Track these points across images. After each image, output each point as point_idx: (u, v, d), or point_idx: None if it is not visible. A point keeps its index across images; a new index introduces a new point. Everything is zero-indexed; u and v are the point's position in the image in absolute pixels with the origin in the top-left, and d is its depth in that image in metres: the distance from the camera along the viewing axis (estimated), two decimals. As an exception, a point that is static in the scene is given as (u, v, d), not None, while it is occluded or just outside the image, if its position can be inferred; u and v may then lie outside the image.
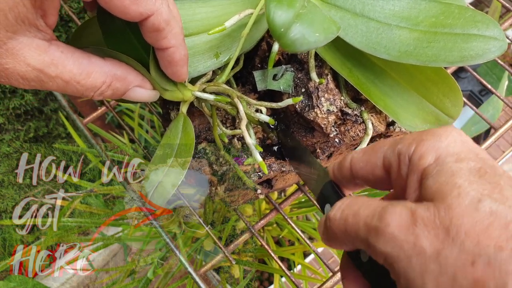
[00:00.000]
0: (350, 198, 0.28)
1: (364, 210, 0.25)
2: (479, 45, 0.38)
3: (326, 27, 0.34)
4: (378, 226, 0.23)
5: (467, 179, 0.23)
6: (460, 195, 0.22)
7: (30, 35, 0.30)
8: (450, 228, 0.21)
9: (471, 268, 0.20)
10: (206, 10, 0.42)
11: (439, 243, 0.21)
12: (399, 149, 0.27)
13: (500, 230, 0.20)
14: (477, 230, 0.21)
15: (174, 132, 0.42)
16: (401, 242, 0.22)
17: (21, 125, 1.11)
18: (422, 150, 0.25)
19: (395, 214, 0.23)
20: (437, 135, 0.26)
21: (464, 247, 0.21)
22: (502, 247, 0.20)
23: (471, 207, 0.21)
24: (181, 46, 0.36)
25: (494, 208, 0.21)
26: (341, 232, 0.26)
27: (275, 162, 0.45)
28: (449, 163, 0.24)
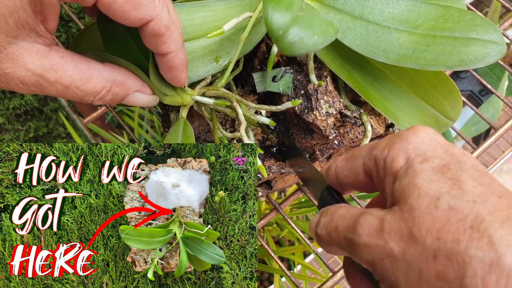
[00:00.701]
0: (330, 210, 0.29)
1: (342, 224, 0.27)
2: (478, 49, 0.38)
3: (324, 30, 0.34)
4: (352, 238, 0.25)
5: (427, 179, 0.24)
6: (420, 195, 0.23)
7: (30, 40, 0.30)
8: (413, 228, 0.23)
9: (434, 262, 0.22)
10: (204, 14, 0.42)
11: (404, 243, 0.23)
12: (375, 154, 0.28)
13: (457, 224, 0.22)
14: (436, 226, 0.22)
15: (174, 136, 0.42)
16: (373, 249, 0.24)
17: (21, 125, 1.11)
18: (394, 153, 0.27)
19: (364, 225, 0.25)
20: (405, 137, 0.27)
21: (426, 244, 0.22)
22: (459, 239, 0.21)
23: (431, 206, 0.23)
24: (181, 51, 0.36)
25: (452, 204, 0.22)
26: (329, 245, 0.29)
27: (275, 164, 0.46)
28: (415, 164, 0.25)
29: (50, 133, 1.19)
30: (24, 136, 1.12)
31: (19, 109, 1.06)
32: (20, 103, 1.04)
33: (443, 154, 0.25)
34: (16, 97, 1.03)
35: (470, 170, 0.24)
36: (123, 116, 1.14)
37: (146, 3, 0.31)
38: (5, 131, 1.09)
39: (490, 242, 0.20)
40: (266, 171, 0.45)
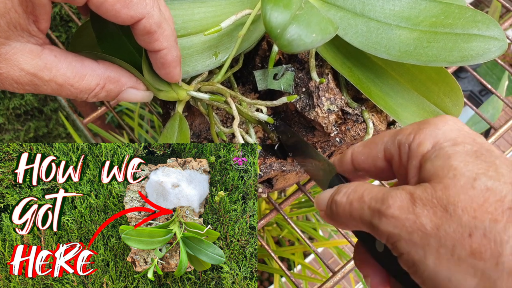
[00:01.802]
0: (355, 183, 0.29)
1: (368, 195, 0.27)
2: (479, 45, 0.38)
3: (323, 28, 0.34)
4: (380, 208, 0.25)
5: (462, 160, 0.24)
6: (456, 176, 0.24)
7: (23, 40, 0.31)
8: (448, 205, 0.23)
9: (469, 239, 0.22)
10: (204, 10, 0.42)
11: (437, 219, 0.23)
12: (399, 139, 0.28)
13: (495, 204, 0.22)
14: (473, 205, 0.22)
15: (170, 131, 0.42)
16: (402, 221, 0.24)
17: (21, 125, 1.11)
18: (421, 138, 0.27)
19: (395, 197, 0.25)
20: (434, 123, 0.27)
21: (462, 221, 0.22)
22: (497, 219, 0.22)
23: (467, 186, 0.23)
24: (173, 48, 0.36)
25: (490, 185, 0.23)
26: (346, 214, 0.28)
27: (276, 162, 0.45)
28: (446, 147, 0.25)
29: (50, 133, 1.18)
30: (24, 136, 1.12)
31: (19, 109, 1.06)
32: (20, 103, 1.04)
33: (473, 142, 0.25)
34: (16, 97, 1.03)
35: (501, 157, 0.25)
36: (123, 116, 1.14)
37: (137, 1, 0.32)
38: (5, 131, 1.09)
39: None
40: (268, 168, 0.45)
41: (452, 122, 0.27)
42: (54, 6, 0.95)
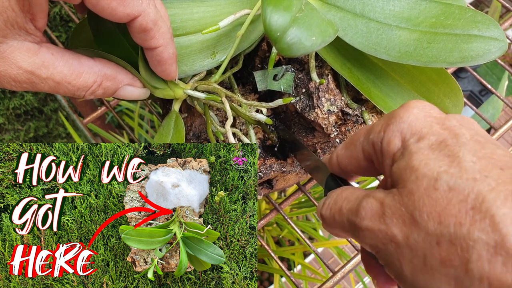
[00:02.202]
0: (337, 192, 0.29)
1: (345, 206, 0.27)
2: (479, 45, 0.38)
3: (323, 30, 0.34)
4: (355, 221, 0.25)
5: (424, 158, 0.23)
6: (418, 178, 0.22)
7: (20, 38, 0.31)
8: (414, 212, 0.22)
9: (437, 248, 0.21)
10: (203, 9, 0.42)
11: (406, 229, 0.22)
12: (372, 138, 0.27)
13: (459, 205, 0.20)
14: (437, 209, 0.21)
15: (166, 129, 0.42)
16: (375, 233, 0.23)
17: (21, 125, 1.11)
18: (389, 135, 0.26)
19: (367, 207, 0.24)
20: (398, 116, 0.26)
21: (428, 229, 0.21)
22: (461, 222, 0.20)
23: (430, 188, 0.22)
24: (169, 45, 0.36)
25: (452, 184, 0.21)
26: (333, 228, 0.28)
27: (276, 163, 0.45)
28: (410, 145, 0.24)
29: (50, 133, 1.18)
30: (24, 136, 1.12)
31: (19, 109, 1.06)
32: (20, 103, 1.03)
33: (439, 130, 0.24)
34: (16, 97, 1.03)
35: (468, 143, 0.23)
36: (123, 116, 1.14)
37: None
38: (5, 131, 1.09)
39: (493, 223, 0.19)
40: (268, 169, 0.45)
41: (417, 109, 0.26)
42: (54, 6, 0.95)
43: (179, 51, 0.41)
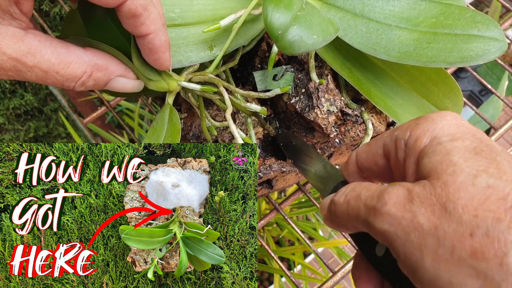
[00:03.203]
0: (354, 183, 0.28)
1: (365, 193, 0.26)
2: (479, 45, 0.38)
3: (324, 29, 0.34)
4: (376, 205, 0.24)
5: (462, 156, 0.23)
6: (455, 172, 0.22)
7: (4, 23, 0.30)
8: (447, 203, 0.22)
9: (470, 239, 0.21)
10: (204, 2, 0.41)
11: (436, 218, 0.22)
12: (396, 135, 0.27)
13: (498, 203, 0.21)
14: (474, 204, 0.21)
15: (160, 123, 0.41)
16: (398, 220, 0.23)
17: (21, 125, 1.11)
18: (417, 133, 0.26)
19: (392, 193, 0.24)
20: (431, 118, 0.26)
21: (462, 220, 0.21)
22: (501, 218, 0.20)
23: (467, 183, 0.22)
24: (161, 32, 0.35)
25: (491, 182, 0.22)
26: (344, 214, 0.27)
27: (275, 163, 0.45)
28: (444, 142, 0.24)
29: (50, 133, 1.18)
30: (24, 136, 1.12)
31: (19, 109, 1.06)
32: (20, 103, 1.03)
33: (472, 137, 0.24)
34: (16, 97, 1.03)
35: (502, 153, 0.23)
36: (123, 116, 1.14)
37: None
38: (5, 131, 1.09)
39: None
40: (267, 170, 0.45)
41: (451, 117, 0.26)
42: (54, 6, 0.95)
43: (177, 41, 0.40)
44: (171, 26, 0.40)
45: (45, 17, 0.96)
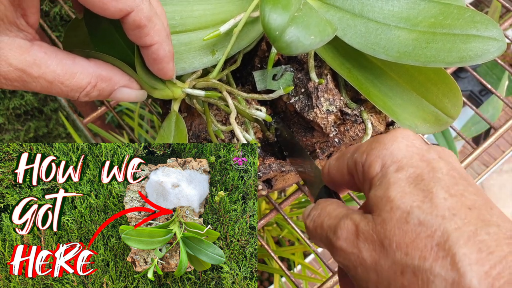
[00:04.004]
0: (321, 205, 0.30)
1: (326, 222, 0.28)
2: (478, 45, 0.38)
3: (321, 30, 0.34)
4: (332, 239, 0.26)
5: (400, 191, 0.24)
6: (392, 209, 0.24)
7: (11, 34, 0.30)
8: (384, 241, 0.23)
9: (401, 277, 0.22)
10: (204, 7, 0.41)
11: (376, 254, 0.24)
12: (355, 158, 0.29)
13: (425, 240, 0.22)
14: (406, 241, 0.23)
15: (167, 131, 0.42)
16: (348, 255, 0.25)
17: (21, 125, 1.11)
18: (371, 159, 0.27)
19: (343, 228, 0.26)
20: (383, 142, 0.27)
21: (395, 258, 0.23)
22: (426, 257, 0.22)
23: (402, 220, 0.23)
24: (165, 43, 0.35)
25: (422, 218, 0.23)
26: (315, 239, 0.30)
27: (275, 162, 0.46)
28: (389, 173, 0.26)
29: (50, 133, 1.19)
30: (24, 136, 1.12)
31: (19, 109, 1.06)
32: (20, 103, 1.04)
33: (418, 161, 0.26)
34: (16, 97, 1.03)
35: (443, 179, 0.24)
36: (123, 116, 1.14)
37: None
38: (5, 131, 1.09)
39: (453, 261, 0.21)
40: (267, 169, 0.45)
41: (401, 138, 0.27)
42: (54, 6, 0.95)
43: (179, 48, 0.41)
44: (173, 33, 0.40)
45: (45, 17, 0.96)
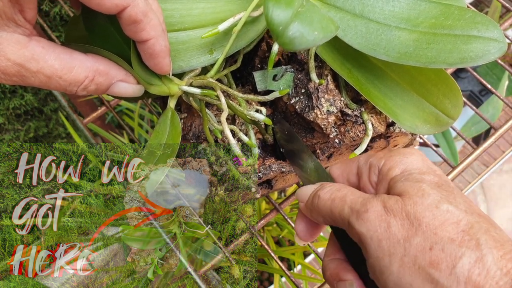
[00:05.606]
0: (339, 184, 0.34)
1: (350, 196, 0.31)
2: (479, 46, 0.38)
3: (324, 26, 0.34)
4: (360, 210, 0.29)
5: (428, 185, 0.29)
6: (424, 195, 0.28)
7: (9, 30, 0.31)
8: (414, 220, 0.27)
9: (429, 252, 0.26)
10: (203, 6, 0.41)
11: (405, 231, 0.27)
12: (371, 161, 0.34)
13: (452, 226, 0.27)
14: (436, 223, 0.27)
15: (162, 127, 0.42)
16: (375, 227, 0.28)
17: (21, 125, 1.11)
18: (391, 163, 0.32)
19: (373, 203, 0.29)
20: (402, 153, 0.32)
21: (424, 235, 0.27)
22: (453, 239, 0.26)
23: (432, 205, 0.28)
24: (161, 37, 0.36)
25: (450, 209, 0.28)
26: (327, 209, 0.32)
27: (275, 163, 0.46)
28: (414, 173, 0.31)
29: (50, 133, 1.18)
30: (24, 136, 1.12)
31: (19, 109, 1.06)
32: (20, 103, 1.03)
33: (434, 173, 0.31)
34: (16, 97, 1.03)
35: (455, 189, 0.30)
36: (123, 116, 1.14)
37: None
38: (5, 131, 1.09)
39: (477, 244, 0.26)
40: (267, 170, 0.45)
41: (418, 154, 0.32)
42: (54, 6, 0.95)
43: (177, 46, 0.41)
44: (171, 31, 0.40)
45: (45, 17, 0.96)
